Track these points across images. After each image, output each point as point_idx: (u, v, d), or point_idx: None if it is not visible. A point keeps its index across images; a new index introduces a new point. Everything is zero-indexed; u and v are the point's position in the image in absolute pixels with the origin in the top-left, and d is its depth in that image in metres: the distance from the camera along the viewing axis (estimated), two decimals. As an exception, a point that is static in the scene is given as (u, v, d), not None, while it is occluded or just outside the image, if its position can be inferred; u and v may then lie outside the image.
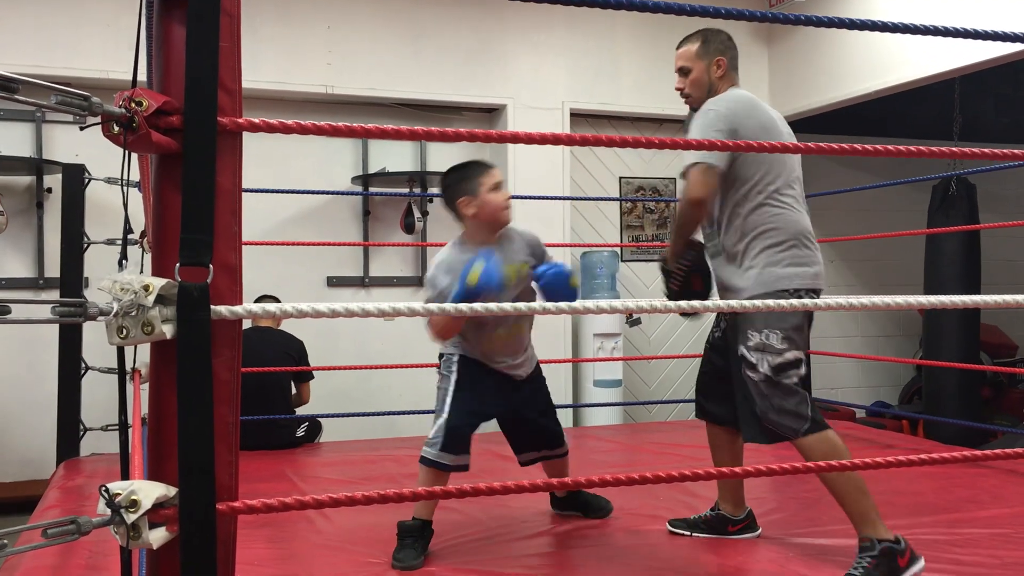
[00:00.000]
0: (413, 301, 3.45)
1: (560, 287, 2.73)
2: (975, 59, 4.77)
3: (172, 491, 1.20)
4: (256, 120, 1.30)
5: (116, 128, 1.21)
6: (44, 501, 3.53)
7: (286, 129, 1.33)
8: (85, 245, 4.42)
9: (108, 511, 1.17)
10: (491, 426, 6.12)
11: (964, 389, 5.82)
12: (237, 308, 1.24)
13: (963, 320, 5.82)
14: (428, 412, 5.27)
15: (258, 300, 4.75)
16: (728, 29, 2.68)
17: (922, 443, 5.06)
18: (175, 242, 1.23)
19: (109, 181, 4.50)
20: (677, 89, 2.84)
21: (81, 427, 4.35)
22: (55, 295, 4.75)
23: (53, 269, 4.77)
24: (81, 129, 1.29)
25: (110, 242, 4.52)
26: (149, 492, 1.17)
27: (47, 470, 4.42)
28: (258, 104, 5.25)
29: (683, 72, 2.80)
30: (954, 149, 1.68)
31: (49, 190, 5.02)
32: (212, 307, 1.22)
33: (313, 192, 5.15)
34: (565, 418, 5.72)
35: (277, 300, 4.89)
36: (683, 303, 1.62)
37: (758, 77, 6.21)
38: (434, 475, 2.80)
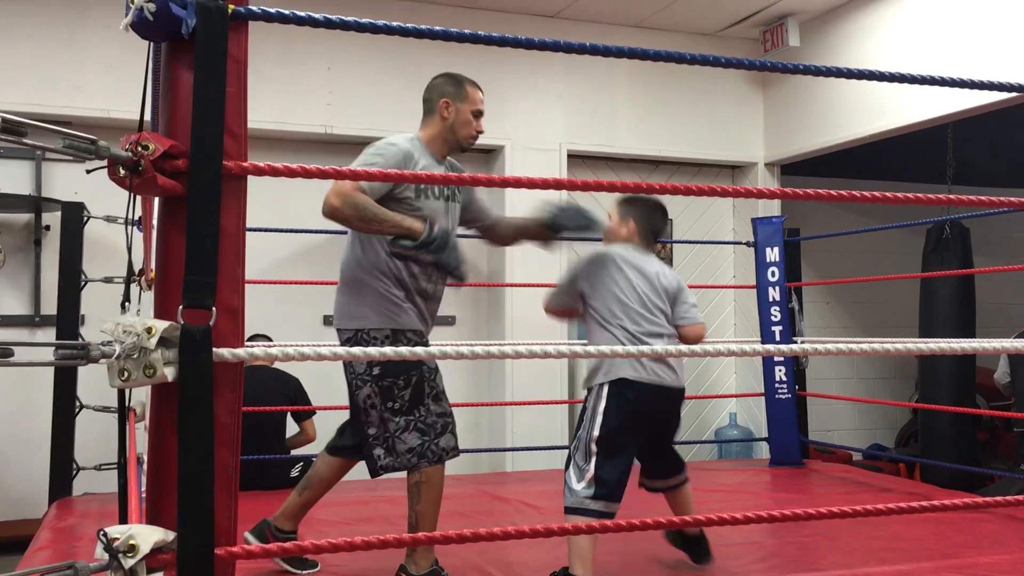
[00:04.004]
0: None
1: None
2: (966, 105, 4.82)
3: (170, 535, 1.20)
4: (261, 164, 1.31)
5: (122, 171, 1.22)
6: (36, 542, 3.49)
7: (291, 173, 1.34)
8: (83, 283, 4.42)
9: (106, 555, 1.16)
10: (482, 465, 6.01)
11: (959, 433, 5.80)
12: (239, 351, 1.25)
13: (958, 364, 5.82)
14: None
15: (250, 339, 4.73)
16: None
17: (919, 487, 5.03)
18: (178, 284, 1.23)
19: (108, 219, 4.51)
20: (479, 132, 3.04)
21: (74, 466, 4.32)
22: (51, 332, 4.74)
23: (49, 306, 4.76)
24: (88, 172, 1.30)
25: (108, 280, 4.51)
26: (147, 537, 1.17)
27: (39, 509, 4.37)
28: (257, 144, 5.24)
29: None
30: (950, 197, 1.71)
31: (47, 227, 5.03)
32: (214, 350, 1.23)
33: (312, 231, 5.15)
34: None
35: (269, 339, 4.87)
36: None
37: (753, 122, 6.27)
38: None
